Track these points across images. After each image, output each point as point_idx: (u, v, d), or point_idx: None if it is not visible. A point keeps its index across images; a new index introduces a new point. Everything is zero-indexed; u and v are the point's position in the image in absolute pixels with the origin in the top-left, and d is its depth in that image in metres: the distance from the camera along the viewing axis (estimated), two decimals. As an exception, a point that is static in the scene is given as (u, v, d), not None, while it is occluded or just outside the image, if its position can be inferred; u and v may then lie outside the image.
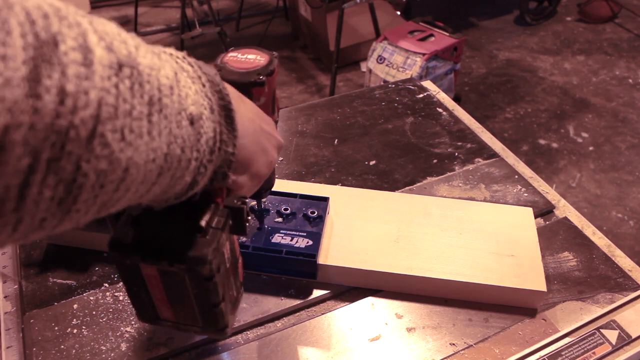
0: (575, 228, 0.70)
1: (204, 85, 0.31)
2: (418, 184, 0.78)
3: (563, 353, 0.55)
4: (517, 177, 0.78)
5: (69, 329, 0.57)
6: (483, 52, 2.73)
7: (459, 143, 0.86)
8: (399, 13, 2.66)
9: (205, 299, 0.38)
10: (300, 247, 0.61)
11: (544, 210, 0.73)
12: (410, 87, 1.00)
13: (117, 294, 0.61)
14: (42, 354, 0.55)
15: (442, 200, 0.70)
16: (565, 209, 0.74)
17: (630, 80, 2.49)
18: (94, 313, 0.59)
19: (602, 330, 0.57)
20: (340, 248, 0.62)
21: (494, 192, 0.76)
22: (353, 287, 0.63)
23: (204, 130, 0.30)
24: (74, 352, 0.55)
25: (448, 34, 2.07)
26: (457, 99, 2.27)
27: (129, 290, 0.40)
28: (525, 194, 0.75)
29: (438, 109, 0.94)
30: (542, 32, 2.90)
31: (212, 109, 0.31)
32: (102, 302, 0.60)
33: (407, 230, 0.65)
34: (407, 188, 0.77)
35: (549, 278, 0.63)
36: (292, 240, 0.61)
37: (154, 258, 0.35)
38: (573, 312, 0.60)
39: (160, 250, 0.35)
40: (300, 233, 0.62)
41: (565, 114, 2.28)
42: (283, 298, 0.61)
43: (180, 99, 0.27)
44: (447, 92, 1.70)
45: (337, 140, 0.86)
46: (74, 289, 0.61)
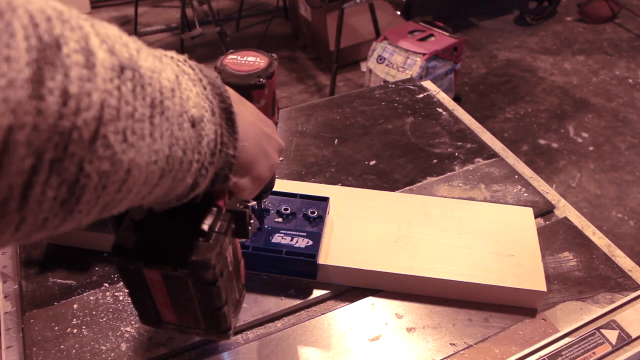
0: (575, 228, 0.70)
1: (205, 88, 0.31)
2: (418, 184, 0.78)
3: (563, 353, 0.55)
4: (517, 177, 0.78)
5: (69, 329, 0.57)
6: (483, 52, 2.73)
7: (459, 143, 0.86)
8: (399, 13, 2.66)
9: (208, 303, 0.39)
10: (300, 247, 0.61)
11: (544, 210, 0.73)
12: (410, 87, 1.00)
13: (117, 294, 0.61)
14: (42, 354, 0.55)
15: (442, 200, 0.70)
16: (565, 209, 0.74)
17: (630, 80, 2.50)
18: (94, 313, 0.59)
19: (602, 330, 0.58)
20: (340, 248, 0.63)
21: (494, 192, 0.76)
22: (353, 287, 0.63)
23: (205, 133, 0.30)
24: (74, 352, 0.55)
25: (448, 34, 2.07)
26: (457, 99, 2.27)
27: (132, 295, 0.40)
28: (525, 194, 0.75)
29: (438, 109, 0.94)
30: (542, 32, 2.90)
31: (213, 112, 0.31)
32: (102, 302, 0.60)
33: (407, 230, 0.65)
34: (407, 188, 0.77)
35: (549, 278, 0.63)
36: (292, 240, 0.62)
37: (158, 263, 0.35)
38: (573, 312, 0.60)
39: (164, 255, 0.35)
40: (300, 233, 0.62)
41: (565, 114, 2.29)
42: (283, 298, 0.61)
43: (182, 102, 0.27)
44: (447, 92, 1.70)
45: (337, 140, 0.86)
46: (74, 289, 0.62)
